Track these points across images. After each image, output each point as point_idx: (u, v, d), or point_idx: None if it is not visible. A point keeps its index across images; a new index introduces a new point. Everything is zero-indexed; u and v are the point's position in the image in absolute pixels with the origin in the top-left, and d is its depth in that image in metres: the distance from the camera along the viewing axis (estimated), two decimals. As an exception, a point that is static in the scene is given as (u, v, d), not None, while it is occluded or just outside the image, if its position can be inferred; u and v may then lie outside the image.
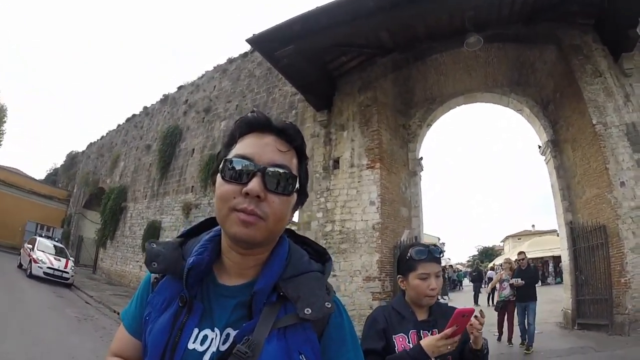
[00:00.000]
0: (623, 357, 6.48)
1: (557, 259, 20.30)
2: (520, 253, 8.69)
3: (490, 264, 32.50)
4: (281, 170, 0.80)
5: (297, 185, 0.84)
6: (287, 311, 0.81)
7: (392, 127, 10.46)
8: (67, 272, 13.45)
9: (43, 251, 13.70)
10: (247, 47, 12.14)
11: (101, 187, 21.25)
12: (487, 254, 54.78)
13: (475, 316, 1.55)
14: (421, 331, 1.69)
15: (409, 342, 1.65)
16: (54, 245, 14.96)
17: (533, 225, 45.38)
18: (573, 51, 9.24)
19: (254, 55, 13.47)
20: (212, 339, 0.80)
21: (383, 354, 1.60)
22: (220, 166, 0.81)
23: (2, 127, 22.87)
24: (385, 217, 9.27)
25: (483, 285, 19.07)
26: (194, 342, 0.79)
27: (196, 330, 0.81)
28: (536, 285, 8.07)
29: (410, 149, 10.85)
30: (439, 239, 45.05)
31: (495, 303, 8.74)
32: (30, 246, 14.04)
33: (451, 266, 30.99)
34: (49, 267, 12.99)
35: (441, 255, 1.83)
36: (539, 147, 10.68)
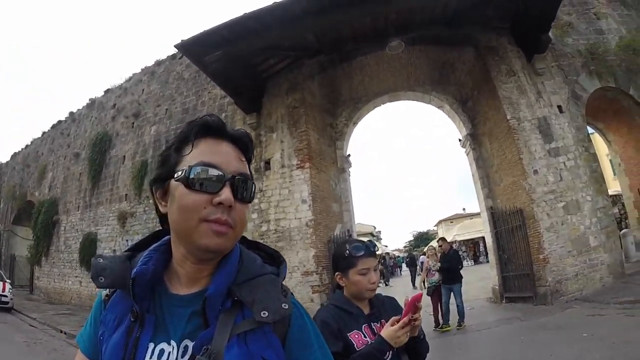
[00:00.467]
0: (545, 324, 7.34)
1: (486, 240, 21.99)
2: (439, 240, 9.46)
3: (425, 249, 34.28)
4: (244, 179, 0.82)
5: None
6: (244, 316, 0.80)
7: (320, 126, 10.94)
8: (5, 296, 12.88)
9: None
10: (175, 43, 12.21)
11: (29, 200, 20.07)
12: (422, 238, 56.79)
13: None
14: (372, 324, 1.73)
15: (365, 337, 1.67)
16: None
17: (464, 209, 47.71)
18: (489, 52, 10.17)
19: (183, 58, 13.24)
20: (169, 353, 0.77)
21: (344, 354, 1.59)
22: (182, 174, 0.78)
23: None
24: (318, 213, 9.73)
25: (418, 270, 20.22)
26: (150, 358, 0.77)
27: (152, 345, 0.78)
28: (460, 267, 8.62)
29: (338, 146, 11.43)
30: (375, 228, 46.63)
31: (427, 288, 9.35)
32: None
33: (387, 254, 32.18)
34: None
35: (375, 248, 1.89)
36: (459, 140, 11.59)
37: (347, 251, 1.81)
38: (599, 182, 9.52)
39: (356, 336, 1.65)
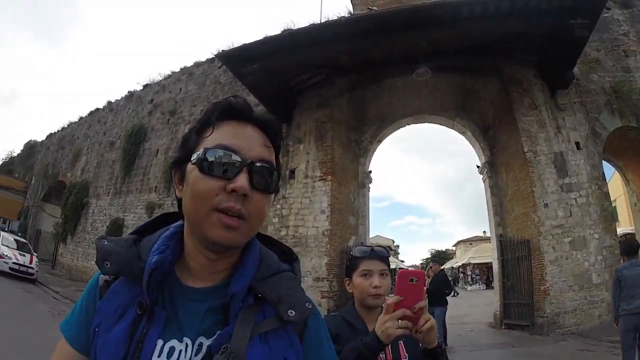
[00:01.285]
0: (535, 352, 7.83)
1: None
2: (431, 261, 10.01)
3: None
4: (267, 166, 0.77)
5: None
6: (265, 314, 0.76)
7: (345, 142, 11.63)
8: (32, 268, 13.60)
9: (7, 246, 13.75)
10: (214, 50, 13.17)
11: (61, 180, 21.33)
12: (440, 257, 55.80)
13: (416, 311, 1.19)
14: None
15: None
16: (17, 240, 15.01)
17: (484, 232, 47.27)
18: (513, 84, 10.56)
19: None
20: (182, 351, 0.73)
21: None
22: (197, 156, 0.74)
23: None
24: (334, 224, 10.40)
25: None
26: (159, 356, 0.72)
27: (160, 342, 0.73)
28: (447, 291, 9.00)
29: (361, 162, 12.06)
30: (394, 242, 46.84)
31: None
32: None
33: (402, 269, 32.80)
34: (14, 263, 13.08)
35: (385, 253, 1.78)
36: (478, 166, 12.11)
37: (352, 253, 1.79)
38: (609, 221, 9.76)
39: None
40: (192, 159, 0.76)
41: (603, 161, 13.47)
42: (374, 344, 1.29)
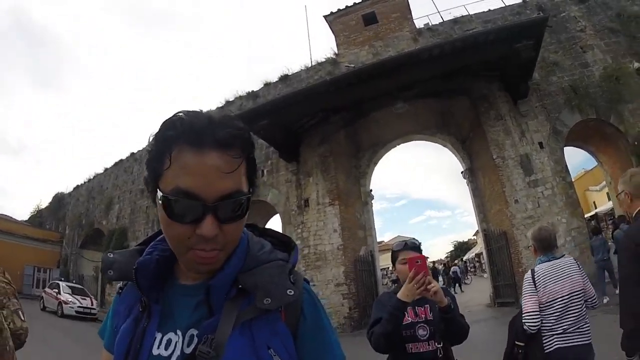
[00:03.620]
0: (507, 322, 10.05)
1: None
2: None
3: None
4: (233, 200, 0.79)
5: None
6: (250, 304, 0.82)
7: (346, 169, 14.23)
8: (94, 309, 16.38)
9: (69, 293, 16.57)
10: (227, 96, 15.98)
11: (97, 228, 23.63)
12: (462, 248, 58.42)
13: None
14: (416, 307, 2.20)
15: (407, 317, 2.15)
16: (72, 287, 17.76)
17: None
18: (480, 100, 12.58)
19: (233, 106, 16.74)
20: (176, 342, 0.82)
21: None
22: (162, 201, 0.77)
23: None
24: (346, 239, 12.97)
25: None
26: (158, 348, 0.82)
27: (159, 335, 0.83)
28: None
29: (362, 184, 14.67)
30: (414, 239, 49.22)
31: None
32: (56, 290, 16.87)
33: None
34: (79, 307, 15.90)
35: (416, 243, 2.41)
36: (461, 172, 14.49)
37: (392, 248, 2.43)
38: (574, 206, 11.56)
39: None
40: (157, 195, 0.79)
41: (588, 153, 15.20)
42: (397, 304, 2.00)
